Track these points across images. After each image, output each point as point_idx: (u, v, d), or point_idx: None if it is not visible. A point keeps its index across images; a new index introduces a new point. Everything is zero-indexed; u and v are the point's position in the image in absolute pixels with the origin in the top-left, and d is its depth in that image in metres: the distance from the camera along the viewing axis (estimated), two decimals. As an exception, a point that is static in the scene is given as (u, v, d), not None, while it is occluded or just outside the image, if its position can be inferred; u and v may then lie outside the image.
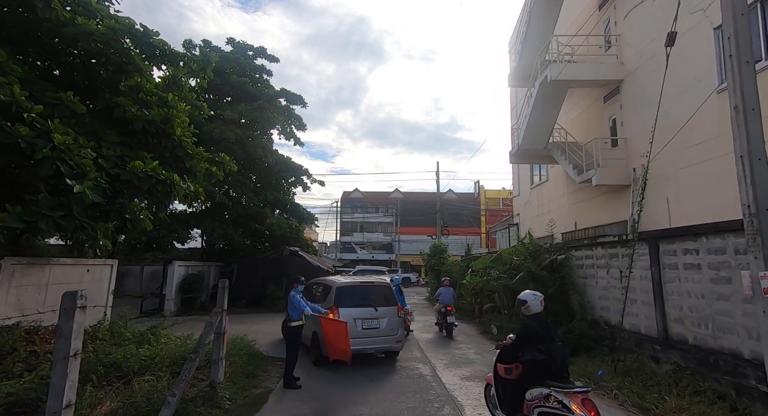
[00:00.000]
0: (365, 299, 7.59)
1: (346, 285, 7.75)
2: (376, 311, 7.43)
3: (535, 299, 4.12)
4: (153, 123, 7.03)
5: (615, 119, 11.09)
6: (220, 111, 17.18)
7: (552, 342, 3.90)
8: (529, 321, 4.07)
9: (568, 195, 13.85)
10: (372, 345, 7.29)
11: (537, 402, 3.70)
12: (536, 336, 3.89)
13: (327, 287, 7.91)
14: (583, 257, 8.44)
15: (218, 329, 4.91)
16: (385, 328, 7.41)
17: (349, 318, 6.96)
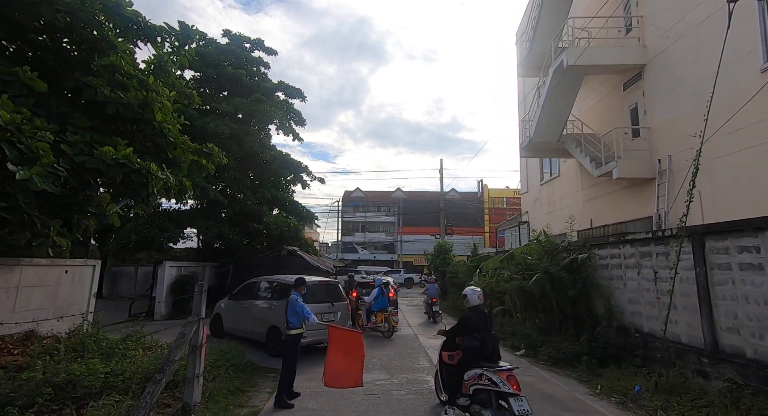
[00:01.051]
0: (323, 295, 8.54)
1: (308, 283, 8.22)
2: (333, 306, 8.46)
3: (474, 294, 4.76)
4: (129, 107, 6.27)
5: (636, 108, 10.28)
6: (215, 104, 16.43)
7: (487, 331, 4.51)
8: (468, 313, 4.68)
9: (582, 191, 13.04)
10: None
11: (472, 381, 4.28)
12: (473, 326, 4.49)
13: (286, 286, 8.31)
14: (609, 257, 7.64)
15: (194, 341, 4.14)
16: (339, 320, 8.40)
17: (314, 311, 7.39)
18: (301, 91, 18.76)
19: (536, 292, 8.85)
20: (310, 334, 7.34)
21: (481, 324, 4.51)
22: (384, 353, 8.40)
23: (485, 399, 4.11)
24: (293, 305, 5.62)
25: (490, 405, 4.06)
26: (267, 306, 8.62)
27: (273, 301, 8.54)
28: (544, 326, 8.83)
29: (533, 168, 17.38)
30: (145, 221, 13.84)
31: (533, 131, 12.45)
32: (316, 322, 5.85)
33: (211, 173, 9.88)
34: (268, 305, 8.62)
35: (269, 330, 8.13)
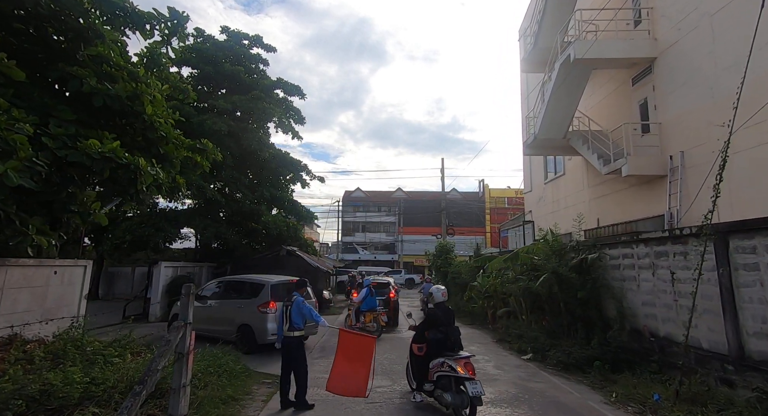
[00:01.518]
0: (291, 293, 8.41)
1: (279, 283, 8.91)
2: None
3: (438, 292, 5.41)
4: (117, 99, 5.95)
5: (646, 103, 9.95)
6: (212, 101, 16.11)
7: (450, 326, 5.12)
8: (434, 310, 5.30)
9: (588, 189, 12.70)
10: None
11: (436, 368, 4.90)
12: (438, 321, 5.12)
13: (257, 285, 8.83)
14: (620, 257, 7.30)
15: (180, 348, 3.81)
16: None
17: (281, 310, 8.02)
18: (300, 88, 18.44)
19: (543, 293, 8.52)
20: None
21: (445, 319, 5.17)
22: (385, 357, 8.07)
23: (446, 383, 4.75)
24: (300, 307, 5.38)
25: (450, 388, 4.69)
26: (237, 306, 8.80)
27: (243, 300, 8.78)
28: (552, 328, 8.50)
29: (537, 167, 17.05)
30: (140, 221, 13.52)
31: (538, 127, 12.13)
32: (326, 325, 5.74)
33: (206, 171, 9.58)
34: (238, 304, 8.80)
35: (239, 328, 8.47)
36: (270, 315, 8.27)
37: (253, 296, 8.65)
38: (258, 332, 8.18)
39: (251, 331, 8.27)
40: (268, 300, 8.40)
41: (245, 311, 8.53)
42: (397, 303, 13.07)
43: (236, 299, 8.97)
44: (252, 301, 8.56)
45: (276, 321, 8.01)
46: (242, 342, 8.32)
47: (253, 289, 8.82)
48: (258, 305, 8.42)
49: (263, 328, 8.19)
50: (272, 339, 7.93)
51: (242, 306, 8.68)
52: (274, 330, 8.07)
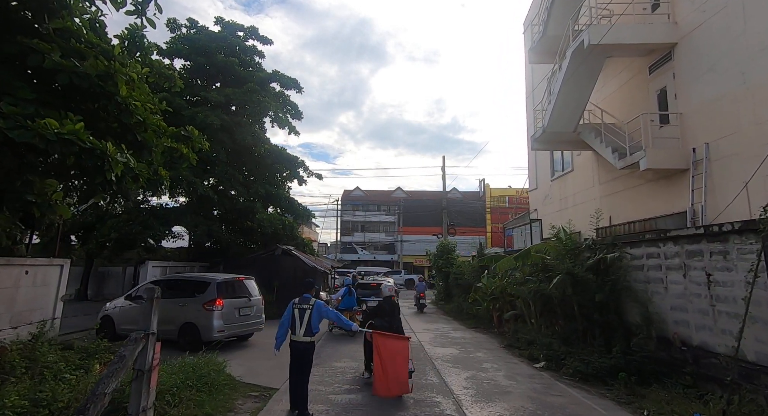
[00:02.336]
0: (240, 291, 9.13)
1: (226, 280, 9.01)
2: (250, 300, 9.13)
3: (386, 288, 7.44)
4: (86, 78, 5.26)
5: (665, 92, 9.31)
6: (204, 93, 15.44)
7: (393, 316, 6.15)
8: (382, 302, 6.52)
9: (599, 186, 12.06)
10: (247, 328, 9.05)
11: None
12: (384, 312, 6.18)
13: (202, 283, 8.83)
14: (644, 256, 6.66)
15: (140, 364, 3.16)
16: (254, 314, 9.16)
17: (230, 307, 8.54)
18: (297, 81, 17.78)
19: (556, 296, 7.88)
20: (228, 328, 8.38)
21: (390, 310, 6.30)
22: (386, 365, 7.40)
23: None
24: (323, 311, 4.98)
25: None
26: (180, 304, 8.63)
27: (187, 299, 8.67)
28: (566, 334, 7.85)
29: (543, 163, 16.41)
30: (127, 218, 12.85)
31: (547, 120, 11.48)
32: (359, 329, 5.83)
33: (192, 163, 8.89)
34: (181, 303, 8.64)
35: (182, 327, 8.41)
36: (216, 313, 8.31)
37: (198, 294, 8.60)
38: (203, 329, 8.20)
39: (196, 329, 8.26)
40: (214, 298, 8.39)
41: (189, 309, 8.48)
42: (397, 307, 12.39)
43: (178, 298, 8.73)
44: (197, 299, 8.52)
45: (222, 319, 8.30)
46: (185, 341, 8.21)
47: (198, 287, 8.77)
48: (204, 302, 8.39)
49: (209, 325, 8.23)
50: (218, 336, 8.10)
51: (185, 305, 8.57)
52: (220, 326, 8.30)
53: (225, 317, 8.46)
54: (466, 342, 9.95)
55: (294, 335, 4.87)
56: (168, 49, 15.95)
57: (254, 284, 9.74)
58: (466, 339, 10.42)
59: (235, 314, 8.70)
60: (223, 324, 8.37)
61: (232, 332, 8.54)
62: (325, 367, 7.25)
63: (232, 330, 8.55)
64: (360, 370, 6.97)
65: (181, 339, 8.31)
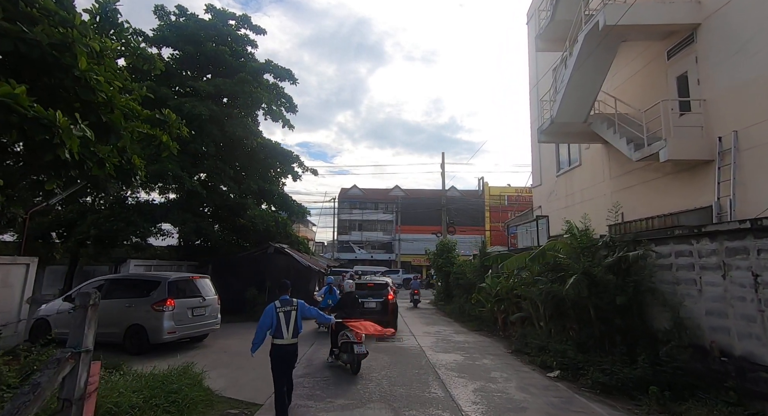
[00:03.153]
0: (194, 290, 8.87)
1: (178, 279, 8.77)
2: (204, 300, 8.87)
3: (347, 284, 8.14)
4: (36, 46, 4.53)
5: (686, 77, 8.64)
6: (191, 82, 14.65)
7: (353, 309, 7.44)
8: (345, 296, 7.76)
9: (610, 180, 11.40)
10: (201, 328, 8.79)
11: (341, 338, 6.85)
12: (346, 304, 7.45)
13: (151, 282, 8.46)
14: (672, 255, 5.98)
15: (67, 393, 2.44)
16: (209, 315, 8.92)
17: (183, 307, 8.28)
18: (291, 72, 17.00)
19: (571, 298, 7.18)
20: (180, 329, 8.14)
21: (351, 303, 7.41)
22: (384, 374, 6.71)
23: (345, 347, 6.62)
24: (306, 310, 5.15)
25: (347, 350, 6.55)
26: (126, 305, 8.27)
27: (134, 299, 8.32)
28: (582, 340, 7.17)
29: (548, 158, 15.74)
30: (109, 214, 12.06)
31: (556, 110, 10.79)
32: (334, 321, 6.45)
33: (173, 153, 8.14)
34: (127, 303, 8.29)
35: (128, 329, 8.05)
36: (167, 313, 7.96)
37: (146, 295, 8.23)
38: (152, 331, 7.89)
39: (143, 331, 7.92)
40: (164, 298, 8.06)
41: (137, 310, 8.12)
42: (396, 306, 11.69)
43: (124, 299, 8.38)
44: (145, 300, 8.15)
45: (173, 320, 8.00)
46: (132, 344, 7.94)
47: (147, 287, 8.40)
48: (153, 303, 8.04)
49: (158, 327, 7.89)
50: (168, 338, 7.89)
51: (132, 305, 8.22)
52: (171, 328, 7.97)
53: (176, 317, 8.12)
54: (470, 347, 9.26)
55: (281, 339, 4.74)
56: (154, 36, 15.15)
57: (210, 284, 9.44)
58: (469, 344, 9.73)
59: (187, 314, 8.38)
60: (174, 325, 8.03)
61: (184, 333, 8.26)
62: (316, 377, 6.54)
63: (185, 332, 8.28)
64: (356, 380, 6.28)
65: (127, 342, 7.95)
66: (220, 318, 9.40)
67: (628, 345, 6.33)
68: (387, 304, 11.23)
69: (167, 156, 12.34)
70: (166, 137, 7.26)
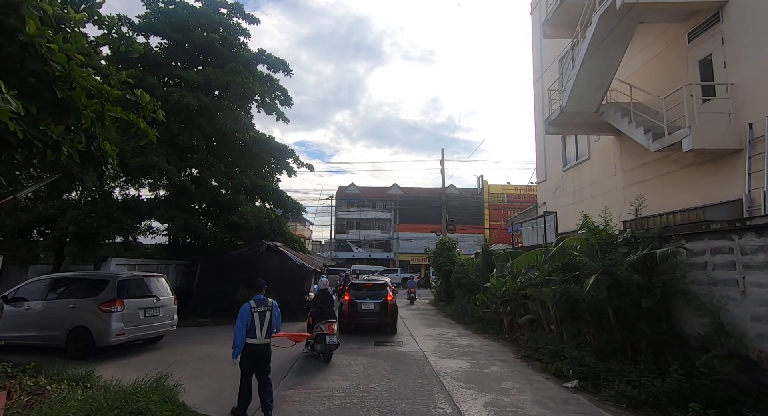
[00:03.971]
0: (147, 290, 8.47)
1: (130, 278, 8.31)
2: (158, 300, 8.46)
3: (321, 282, 8.85)
4: (-27, 5, 3.84)
5: (711, 60, 8.00)
6: (179, 72, 13.92)
7: (327, 305, 8.04)
8: (319, 293, 8.40)
9: (623, 174, 10.77)
10: (154, 330, 8.39)
11: (316, 330, 7.58)
12: (321, 301, 8.13)
13: (99, 281, 7.99)
14: (707, 252, 5.34)
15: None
16: (164, 315, 8.54)
17: (134, 307, 7.88)
18: (285, 62, 16.28)
19: (589, 300, 6.53)
20: (130, 331, 7.75)
21: (324, 300, 8.12)
22: (383, 385, 6.04)
23: (318, 338, 7.48)
24: (278, 315, 5.25)
25: (321, 341, 7.42)
26: (70, 306, 7.78)
27: (79, 299, 7.81)
28: (601, 346, 6.53)
29: (553, 152, 15.11)
30: (89, 210, 11.33)
31: (566, 100, 10.14)
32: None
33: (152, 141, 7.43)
34: (71, 304, 7.79)
35: (71, 331, 7.53)
36: (115, 314, 7.49)
37: (92, 294, 7.74)
38: (98, 334, 7.41)
39: (88, 334, 7.43)
40: (113, 298, 7.61)
41: (81, 311, 7.63)
42: (395, 307, 11.03)
43: (68, 299, 7.89)
44: (92, 300, 7.64)
45: (122, 321, 7.58)
46: (74, 348, 7.44)
47: (94, 286, 7.92)
48: (100, 303, 7.56)
49: (106, 329, 7.40)
50: (116, 340, 7.48)
51: (77, 306, 7.72)
52: (120, 330, 7.52)
53: (126, 319, 7.66)
54: (476, 352, 8.61)
55: (254, 339, 4.83)
56: (140, 24, 14.41)
57: (165, 283, 9.04)
58: (475, 348, 9.08)
59: (139, 315, 7.96)
60: (123, 327, 7.59)
61: (134, 335, 7.85)
62: (309, 388, 5.87)
63: (135, 334, 7.87)
64: (352, 391, 5.62)
65: (70, 346, 7.46)
66: (176, 318, 8.96)
67: (654, 353, 5.69)
68: (386, 305, 10.56)
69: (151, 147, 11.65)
70: (143, 123, 6.52)
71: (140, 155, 11.41)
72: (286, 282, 13.10)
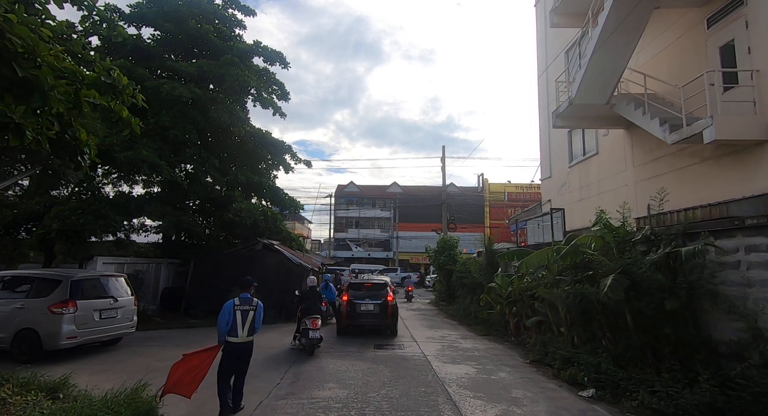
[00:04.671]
0: (104, 290, 8.14)
1: (84, 278, 7.99)
2: (116, 301, 8.13)
3: (309, 280, 9.29)
4: None
5: (733, 46, 7.51)
6: (170, 63, 13.40)
7: (313, 301, 8.57)
8: (307, 291, 8.89)
9: (634, 169, 10.29)
10: (111, 332, 8.05)
11: (302, 324, 8.17)
12: (308, 297, 8.66)
13: (50, 281, 7.64)
14: (741, 250, 4.88)
15: None
16: (122, 317, 8.22)
17: (88, 309, 7.56)
18: (282, 55, 15.76)
19: (606, 302, 6.06)
20: (83, 334, 7.40)
21: (312, 297, 8.71)
22: (384, 394, 5.56)
23: (303, 332, 8.10)
24: (260, 316, 5.14)
25: (305, 335, 7.98)
26: (17, 306, 7.44)
27: (28, 300, 7.48)
28: (618, 352, 6.06)
29: (558, 148, 14.61)
30: (76, 206, 10.82)
31: (575, 90, 9.63)
32: None
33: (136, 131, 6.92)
34: (18, 304, 7.44)
35: (17, 333, 7.18)
36: (66, 316, 7.17)
37: (43, 295, 7.44)
38: (47, 336, 7.07)
39: (36, 336, 7.10)
40: (65, 299, 7.30)
41: (29, 312, 7.31)
42: (396, 309, 10.53)
43: (15, 299, 7.57)
44: (42, 300, 7.33)
45: (74, 323, 7.25)
46: (20, 351, 7.11)
47: (47, 286, 7.57)
48: (51, 304, 7.22)
49: (55, 331, 7.07)
50: (67, 344, 7.16)
51: (25, 307, 7.39)
52: (71, 332, 7.20)
53: (79, 321, 7.34)
54: (482, 356, 8.15)
55: (236, 337, 4.86)
56: (131, 14, 13.88)
57: (124, 283, 8.74)
58: (480, 352, 8.61)
59: (94, 317, 7.64)
60: (75, 330, 7.26)
61: (87, 338, 7.52)
62: (302, 398, 5.39)
63: (89, 336, 7.53)
64: (350, 402, 5.14)
65: (16, 349, 7.13)
66: (136, 320, 8.67)
67: (680, 360, 5.21)
68: (386, 306, 10.08)
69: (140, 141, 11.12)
70: (125, 110, 6.02)
71: (129, 149, 10.91)
72: (283, 282, 12.62)
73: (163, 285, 12.92)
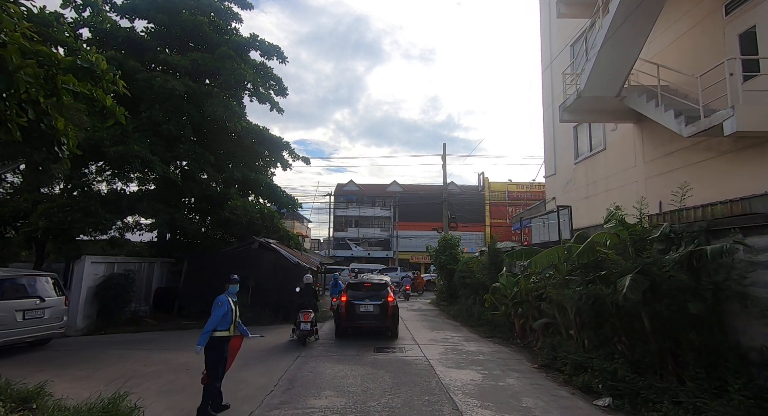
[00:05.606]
0: (28, 291, 7.94)
1: (4, 278, 7.79)
2: (43, 301, 7.91)
3: (306, 278, 9.74)
4: None
5: (754, 34, 7.12)
6: (163, 56, 12.98)
7: (309, 297, 9.25)
8: (304, 288, 9.46)
9: (644, 165, 9.91)
10: (36, 333, 7.82)
11: (298, 317, 8.92)
12: (305, 294, 9.33)
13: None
14: (775, 248, 4.46)
15: None
16: (50, 317, 7.98)
17: (9, 309, 7.32)
18: (279, 48, 15.33)
19: (623, 304, 5.66)
20: (3, 335, 7.14)
21: (307, 292, 9.37)
22: (384, 403, 5.17)
23: (297, 325, 8.95)
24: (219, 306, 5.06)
25: (298, 327, 8.91)
26: None
27: None
28: (636, 358, 5.66)
29: (563, 144, 14.24)
30: (65, 203, 10.40)
31: (584, 83, 9.25)
32: None
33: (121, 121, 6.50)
34: None
35: None
36: None
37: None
38: None
39: None
40: None
41: None
42: (396, 309, 10.13)
43: None
44: None
45: (1, 323, 7.06)
46: None
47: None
48: None
49: None
50: None
51: None
52: None
53: None
54: (487, 360, 7.75)
55: (227, 331, 4.86)
56: (123, 5, 13.44)
57: (52, 284, 8.47)
58: (485, 355, 8.22)
59: (16, 317, 7.39)
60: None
61: (8, 339, 7.24)
62: (297, 408, 4.99)
63: (10, 337, 7.26)
64: (348, 412, 4.77)
65: None
66: (65, 320, 8.46)
67: (704, 368, 4.82)
68: (387, 307, 9.68)
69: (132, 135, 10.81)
70: (109, 99, 5.59)
71: (120, 144, 10.49)
72: (280, 281, 12.22)
73: (156, 285, 12.51)
